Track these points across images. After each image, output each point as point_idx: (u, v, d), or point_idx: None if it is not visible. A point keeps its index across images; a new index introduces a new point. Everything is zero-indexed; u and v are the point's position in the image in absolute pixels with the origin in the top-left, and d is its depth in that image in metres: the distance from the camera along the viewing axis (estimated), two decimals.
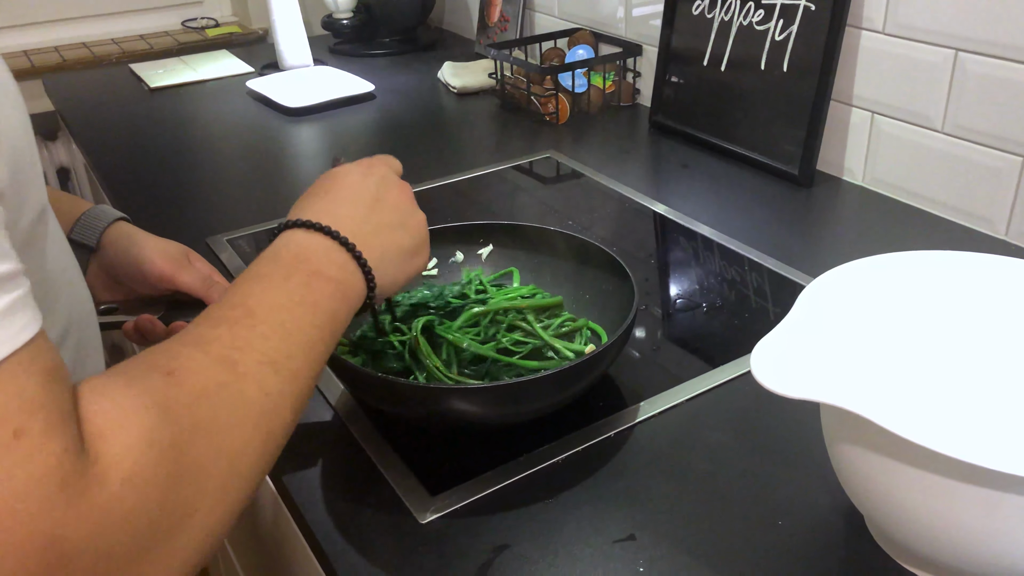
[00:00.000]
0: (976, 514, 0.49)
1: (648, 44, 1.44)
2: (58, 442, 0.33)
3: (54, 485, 0.32)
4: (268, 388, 0.44)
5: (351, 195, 0.57)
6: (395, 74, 1.73)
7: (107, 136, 1.45)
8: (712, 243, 1.02)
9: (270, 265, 0.51)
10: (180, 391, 0.40)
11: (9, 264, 0.35)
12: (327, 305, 0.51)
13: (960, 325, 0.63)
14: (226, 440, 0.41)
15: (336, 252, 0.53)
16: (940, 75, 1.01)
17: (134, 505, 0.35)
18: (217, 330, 0.45)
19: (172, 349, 0.43)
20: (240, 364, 0.43)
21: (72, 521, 0.33)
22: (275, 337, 0.46)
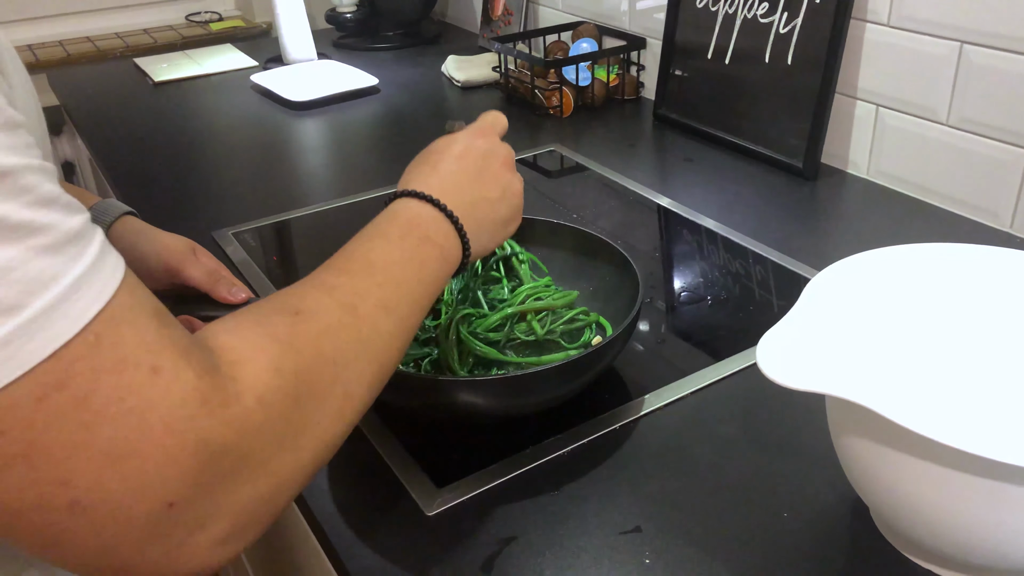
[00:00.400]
0: (981, 505, 0.49)
1: (652, 37, 1.43)
2: (192, 369, 0.38)
3: (197, 402, 0.38)
4: (381, 329, 0.51)
5: (457, 168, 0.63)
6: (399, 68, 1.73)
7: (112, 130, 1.45)
8: (716, 236, 1.02)
9: (387, 225, 0.57)
10: (305, 327, 0.46)
11: (84, 214, 0.38)
12: (432, 266, 0.57)
13: (965, 317, 0.63)
14: (344, 372, 0.47)
15: (443, 222, 0.59)
16: (945, 68, 1.00)
17: (265, 418, 0.41)
18: (340, 278, 0.51)
19: (300, 291, 0.49)
20: (360, 308, 0.50)
21: (216, 428, 0.38)
22: (389, 286, 0.53)
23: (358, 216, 1.11)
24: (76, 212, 0.37)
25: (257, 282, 0.95)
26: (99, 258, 0.37)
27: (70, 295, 0.35)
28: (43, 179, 0.36)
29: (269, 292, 0.93)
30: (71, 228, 0.36)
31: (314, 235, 1.09)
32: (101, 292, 0.36)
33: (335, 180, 1.25)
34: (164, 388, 0.37)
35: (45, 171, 0.37)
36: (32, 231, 0.34)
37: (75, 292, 0.35)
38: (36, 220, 0.35)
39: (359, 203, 1.15)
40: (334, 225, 1.10)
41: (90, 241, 0.37)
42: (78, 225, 0.37)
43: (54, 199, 0.36)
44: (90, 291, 0.36)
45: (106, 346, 0.36)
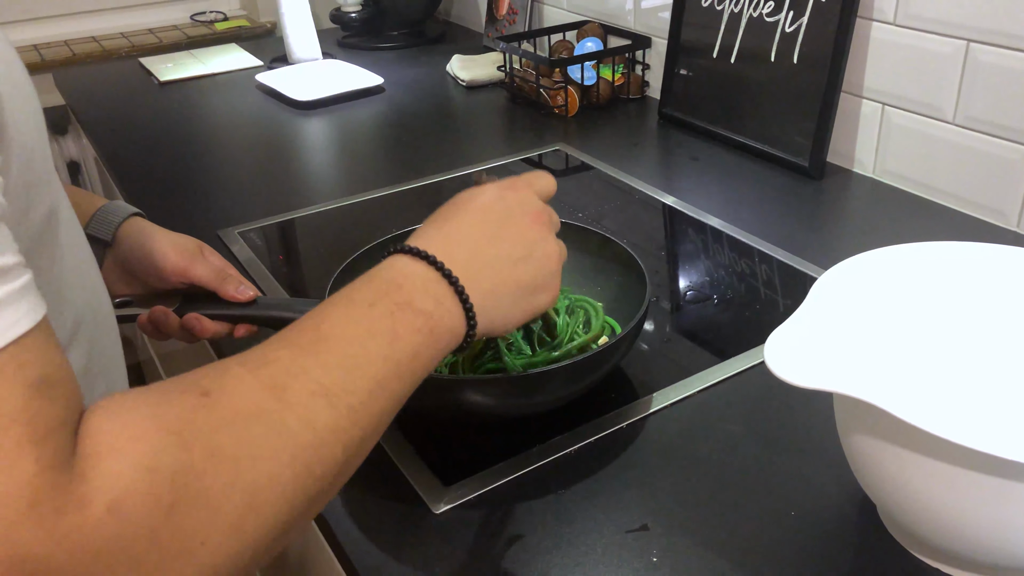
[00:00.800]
0: (989, 503, 0.49)
1: (657, 36, 1.43)
2: (32, 459, 0.31)
3: (24, 503, 0.31)
4: (315, 422, 0.40)
5: (473, 221, 0.53)
6: (404, 67, 1.73)
7: (118, 130, 1.45)
8: (722, 235, 1.02)
9: (361, 290, 0.48)
10: (207, 415, 0.37)
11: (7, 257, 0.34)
12: (410, 339, 0.46)
13: (973, 316, 0.63)
14: (248, 471, 0.37)
15: (435, 284, 0.49)
16: (951, 66, 1.00)
17: (119, 532, 0.33)
18: (280, 352, 0.42)
19: (223, 366, 0.41)
20: (289, 391, 0.40)
21: (43, 541, 0.31)
22: (338, 368, 0.43)
23: (364, 215, 1.12)
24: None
25: (263, 281, 0.95)
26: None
27: None
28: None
29: (275, 291, 0.93)
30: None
31: (320, 234, 1.09)
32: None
33: (340, 179, 1.25)
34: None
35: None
36: None
37: None
38: None
39: (365, 202, 1.15)
40: (340, 224, 1.10)
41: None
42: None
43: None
44: None
45: None
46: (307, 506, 0.40)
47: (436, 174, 1.22)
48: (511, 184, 0.57)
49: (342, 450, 0.42)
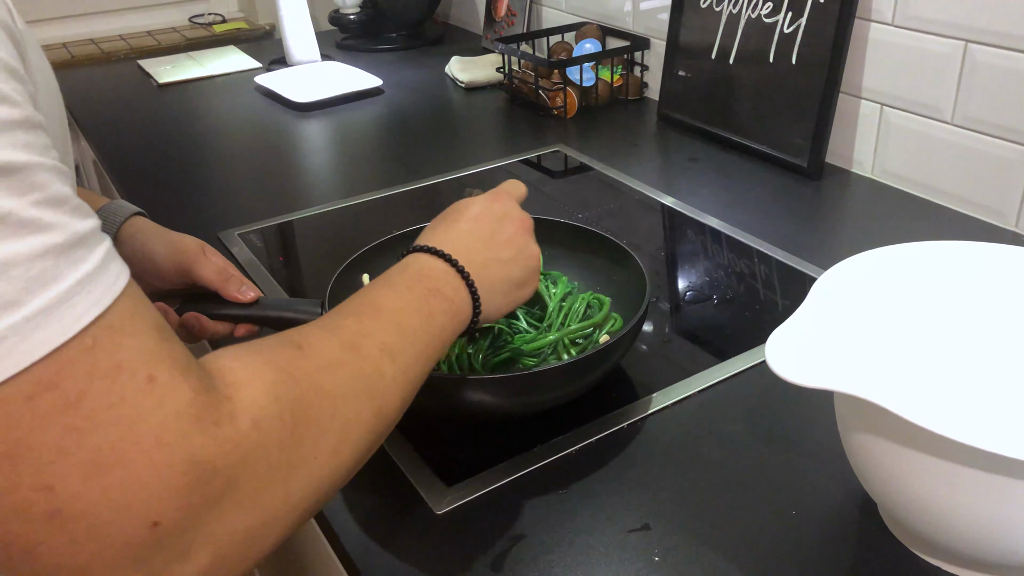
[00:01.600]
0: (991, 501, 0.49)
1: (656, 38, 1.44)
2: (188, 383, 0.37)
3: (191, 418, 0.37)
4: (383, 371, 0.50)
5: (471, 228, 0.63)
6: (402, 69, 1.73)
7: (117, 132, 1.45)
8: (721, 236, 1.03)
9: (398, 276, 0.58)
10: (306, 361, 0.45)
11: (94, 219, 0.38)
12: (440, 319, 0.57)
13: (972, 315, 0.63)
14: (342, 407, 0.46)
15: (453, 277, 0.59)
16: (949, 66, 1.01)
17: (260, 443, 0.39)
18: (347, 319, 0.51)
19: (305, 329, 0.49)
20: (363, 348, 0.49)
21: (209, 447, 0.37)
22: (395, 332, 0.52)
23: (362, 217, 1.12)
24: (85, 216, 0.37)
25: (264, 283, 0.95)
26: (102, 264, 0.37)
27: (70, 297, 0.35)
28: (55, 179, 0.36)
29: (276, 292, 0.93)
30: (77, 231, 0.36)
31: (319, 235, 1.09)
32: (101, 298, 0.36)
33: (340, 181, 1.25)
34: (158, 399, 0.36)
35: (59, 172, 0.36)
36: (37, 229, 0.34)
37: (75, 295, 0.35)
38: (43, 219, 0.34)
39: (364, 203, 1.15)
40: (340, 225, 1.10)
41: (95, 247, 0.37)
42: (85, 229, 0.36)
43: (64, 200, 0.36)
44: (90, 296, 0.35)
45: (102, 351, 0.35)
46: (373, 444, 0.49)
47: (435, 176, 1.22)
48: (496, 196, 0.67)
49: (400, 399, 0.51)
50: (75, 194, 0.37)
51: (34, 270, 0.34)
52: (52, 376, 0.34)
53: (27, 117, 0.36)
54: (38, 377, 0.33)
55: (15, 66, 0.36)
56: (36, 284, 0.33)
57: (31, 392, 0.33)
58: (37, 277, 0.34)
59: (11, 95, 0.35)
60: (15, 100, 0.35)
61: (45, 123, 0.38)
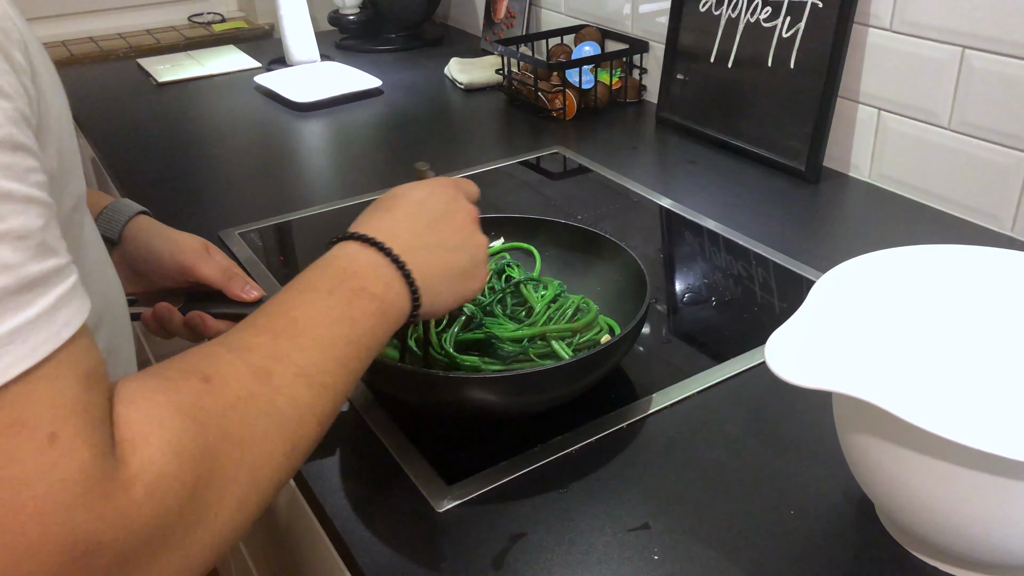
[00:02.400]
0: (988, 501, 0.50)
1: (655, 41, 1.44)
2: (88, 448, 0.34)
3: (80, 488, 0.34)
4: (298, 401, 0.45)
5: (413, 211, 0.58)
6: (402, 70, 1.74)
7: (116, 130, 1.45)
8: (719, 238, 1.03)
9: (318, 277, 0.52)
10: (214, 399, 0.41)
11: (57, 259, 0.36)
12: (366, 322, 0.51)
13: (970, 317, 0.64)
14: (251, 451, 0.42)
15: (384, 268, 0.54)
16: (947, 72, 1.01)
17: (155, 511, 0.36)
18: (259, 338, 0.46)
19: (213, 352, 0.44)
20: (275, 375, 0.45)
21: (94, 522, 0.34)
22: (312, 350, 0.47)
23: None
24: (45, 257, 0.35)
25: (264, 281, 0.96)
26: (49, 312, 0.35)
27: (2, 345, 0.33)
28: (22, 210, 0.34)
29: (276, 291, 0.93)
30: (29, 274, 0.34)
31: (319, 235, 1.09)
32: (35, 349, 0.34)
33: (340, 181, 1.25)
34: (52, 462, 0.33)
35: (30, 201, 0.35)
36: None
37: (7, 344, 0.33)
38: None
39: (363, 204, 1.15)
40: (339, 225, 1.10)
41: (48, 290, 0.35)
42: (39, 272, 0.34)
43: (25, 236, 0.34)
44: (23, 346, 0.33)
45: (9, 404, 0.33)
46: (290, 476, 0.46)
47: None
48: (442, 183, 0.62)
49: (317, 424, 0.47)
50: (45, 228, 0.35)
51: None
52: None
53: (7, 136, 0.34)
54: None
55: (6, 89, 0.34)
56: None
57: None
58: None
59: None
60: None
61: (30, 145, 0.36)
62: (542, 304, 0.78)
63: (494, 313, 0.78)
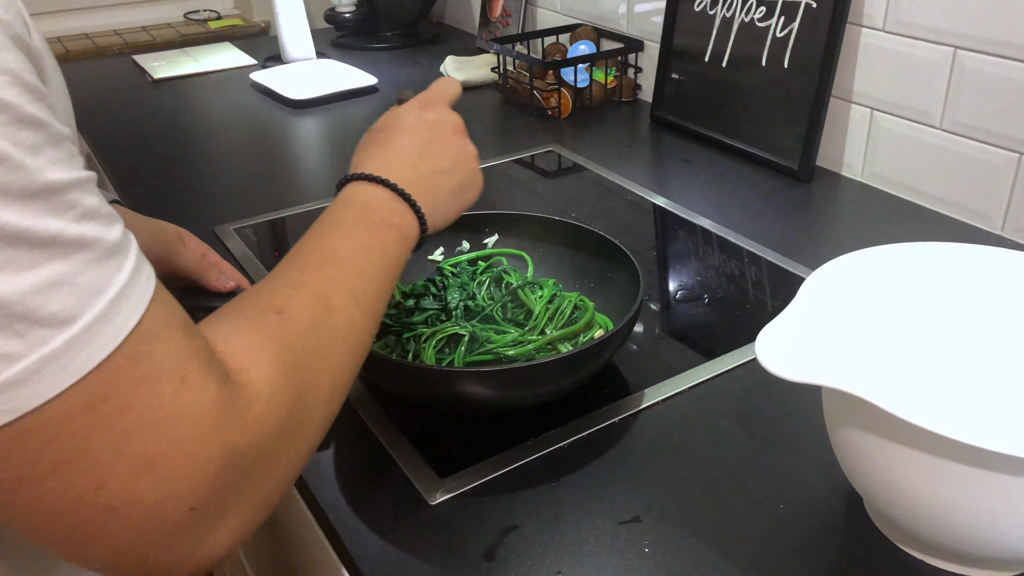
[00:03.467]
0: (974, 495, 0.51)
1: (650, 40, 1.45)
2: (214, 380, 0.41)
3: (219, 412, 0.40)
4: (353, 318, 0.52)
5: (406, 143, 0.63)
6: (398, 68, 1.74)
7: (112, 126, 1.45)
8: (712, 236, 1.04)
9: (343, 213, 0.58)
10: (291, 326, 0.48)
11: (120, 224, 0.39)
12: (392, 249, 0.58)
13: (958, 313, 0.65)
14: (328, 361, 0.49)
15: (396, 202, 0.60)
16: (939, 72, 1.02)
17: (277, 415, 0.44)
18: (307, 273, 0.52)
19: (275, 288, 0.51)
20: (331, 299, 0.51)
21: (236, 436, 0.41)
22: (355, 276, 0.54)
23: None
24: (114, 222, 0.39)
25: (259, 276, 0.96)
26: (136, 269, 0.39)
27: (114, 307, 0.37)
28: (86, 192, 0.37)
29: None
30: (112, 240, 0.38)
31: None
32: (137, 303, 0.38)
33: (335, 178, 1.24)
34: (191, 400, 0.39)
35: (87, 181, 0.38)
36: (82, 246, 0.36)
37: (118, 304, 0.37)
38: (85, 235, 0.36)
39: None
40: None
41: (128, 251, 0.39)
42: (117, 236, 0.38)
43: (96, 211, 0.37)
44: (128, 303, 0.38)
45: (143, 358, 0.38)
46: (355, 377, 0.53)
47: None
48: (425, 102, 0.67)
49: (368, 337, 0.54)
50: (101, 200, 0.39)
51: (83, 285, 0.36)
52: (104, 387, 0.36)
53: (55, 134, 0.37)
54: (92, 388, 0.36)
55: (35, 84, 0.37)
56: (87, 297, 0.36)
57: (88, 403, 0.36)
58: (87, 291, 0.36)
59: (38, 116, 0.36)
60: (42, 120, 0.36)
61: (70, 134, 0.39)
62: (541, 305, 0.78)
63: (495, 319, 0.78)
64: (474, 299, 0.80)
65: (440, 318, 0.78)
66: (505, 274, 0.84)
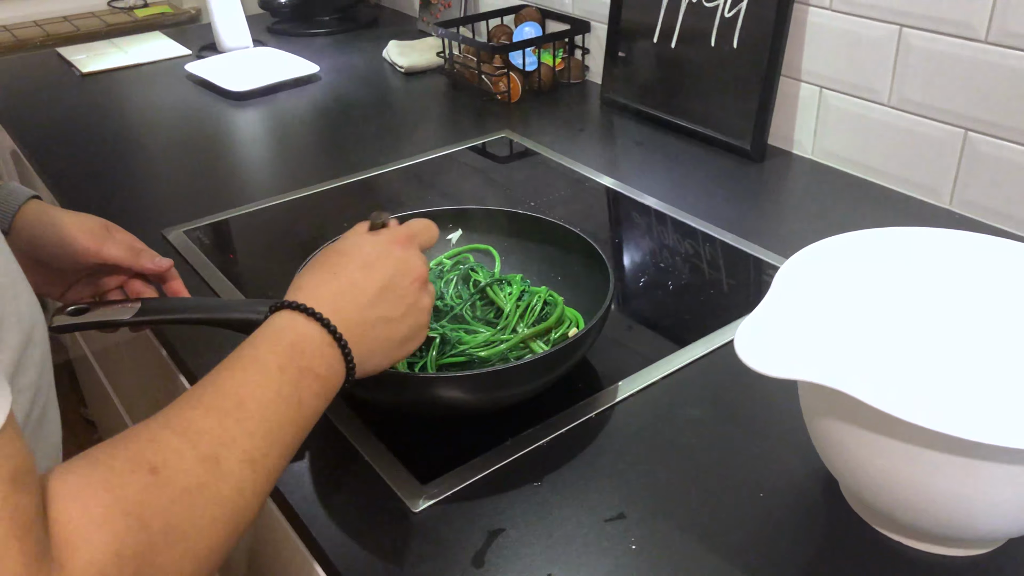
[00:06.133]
0: (951, 481, 0.52)
1: (596, 21, 1.44)
2: (20, 553, 0.33)
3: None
4: (244, 487, 0.45)
5: (360, 279, 0.57)
6: (339, 54, 1.70)
7: (39, 123, 1.39)
8: (670, 220, 1.04)
9: (268, 351, 0.52)
10: (160, 493, 0.40)
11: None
12: (310, 403, 0.52)
13: (932, 300, 0.66)
14: (196, 543, 0.42)
15: (329, 348, 0.54)
16: (885, 50, 1.04)
17: None
18: (207, 420, 0.46)
19: (160, 438, 0.43)
20: (223, 462, 0.44)
21: None
22: (259, 435, 0.47)
23: (310, 210, 1.10)
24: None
25: (216, 282, 0.93)
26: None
27: None
28: None
29: (229, 292, 0.91)
30: None
31: (267, 230, 1.07)
32: None
33: (283, 173, 1.22)
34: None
35: None
36: None
37: None
38: None
39: (310, 196, 1.13)
40: (286, 220, 1.08)
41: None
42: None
43: None
44: None
45: None
46: (224, 557, 0.45)
47: (379, 166, 1.21)
48: (400, 239, 0.61)
49: (259, 506, 0.47)
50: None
51: None
52: None
53: None
54: None
55: None
56: None
57: None
58: None
59: None
60: None
61: None
62: (511, 303, 0.78)
63: (465, 319, 0.77)
64: (442, 299, 0.79)
65: None
66: (472, 272, 0.83)
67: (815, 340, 0.60)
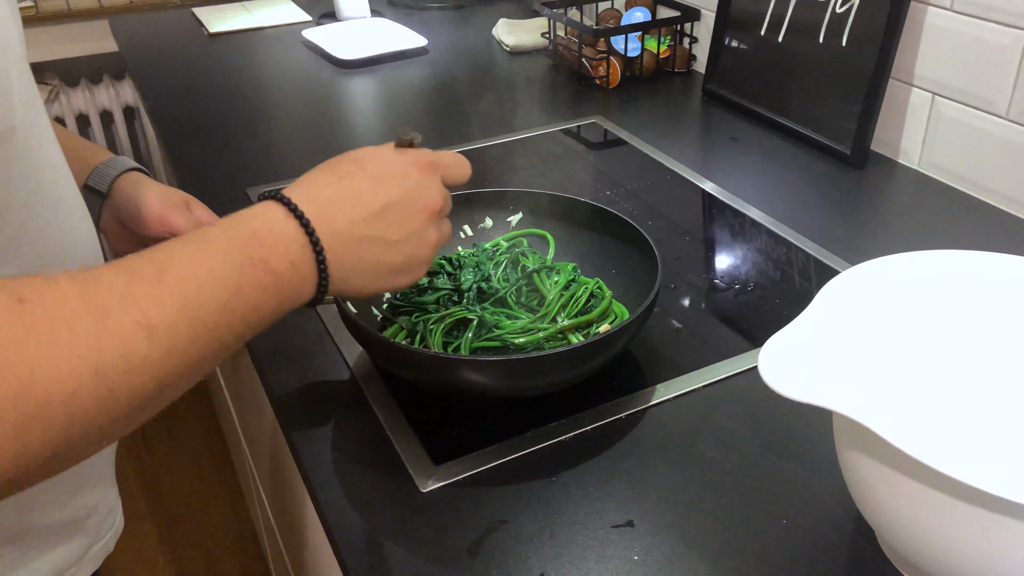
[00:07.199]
0: (978, 535, 0.47)
1: (706, 9, 1.39)
2: None
3: None
4: (131, 351, 0.40)
5: (366, 189, 0.53)
6: (450, 29, 1.71)
7: (164, 79, 1.46)
8: (753, 223, 0.99)
9: (220, 233, 0.47)
10: (17, 322, 0.37)
11: None
12: (252, 295, 0.46)
13: (984, 331, 0.60)
14: (41, 384, 0.37)
15: (298, 248, 0.49)
16: (1008, 57, 0.95)
17: None
18: (116, 277, 0.41)
19: (54, 278, 0.40)
20: (113, 317, 0.40)
21: None
22: (171, 305, 0.42)
23: None
24: None
25: None
26: None
27: None
28: None
29: None
30: None
31: None
32: None
33: (377, 142, 1.24)
34: None
35: None
36: None
37: None
38: None
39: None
40: None
41: None
42: None
43: None
44: None
45: None
46: (111, 425, 0.40)
47: (474, 141, 1.21)
48: (422, 163, 0.57)
49: (153, 382, 0.41)
50: None
51: None
52: None
53: None
54: None
55: None
56: None
57: None
58: None
59: None
60: None
61: None
62: (555, 292, 0.76)
63: (508, 303, 0.76)
64: (488, 281, 0.78)
65: (453, 299, 0.76)
66: (523, 256, 0.81)
67: (850, 365, 0.56)
